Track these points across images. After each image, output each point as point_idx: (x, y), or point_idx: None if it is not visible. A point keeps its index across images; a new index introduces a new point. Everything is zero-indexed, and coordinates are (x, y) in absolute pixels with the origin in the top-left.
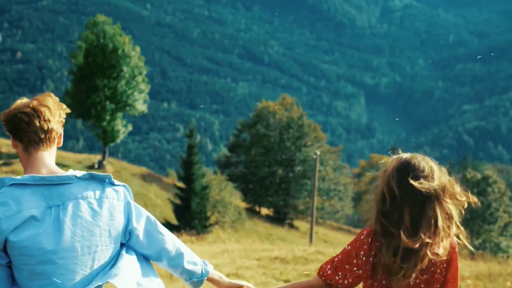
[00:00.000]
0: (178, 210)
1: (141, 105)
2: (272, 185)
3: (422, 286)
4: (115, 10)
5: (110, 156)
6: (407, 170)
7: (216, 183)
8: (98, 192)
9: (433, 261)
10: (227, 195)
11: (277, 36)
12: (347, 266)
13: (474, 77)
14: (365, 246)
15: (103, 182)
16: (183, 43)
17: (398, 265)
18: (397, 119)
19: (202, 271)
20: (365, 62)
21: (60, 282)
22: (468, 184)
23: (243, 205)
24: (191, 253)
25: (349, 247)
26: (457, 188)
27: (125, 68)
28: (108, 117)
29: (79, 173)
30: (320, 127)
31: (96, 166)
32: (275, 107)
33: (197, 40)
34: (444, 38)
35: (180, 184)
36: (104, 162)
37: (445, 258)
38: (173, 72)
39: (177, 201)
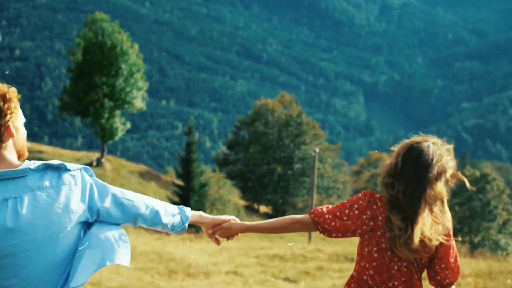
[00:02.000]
0: None
1: (139, 103)
2: (271, 183)
3: (414, 262)
4: (114, 8)
5: (108, 154)
6: (414, 151)
7: (214, 181)
8: (54, 181)
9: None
10: (226, 193)
11: (276, 34)
12: (338, 213)
13: (473, 76)
14: (360, 202)
15: (59, 169)
16: (181, 41)
17: (405, 230)
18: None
19: (181, 219)
20: (364, 60)
21: (24, 273)
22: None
23: (241, 203)
24: (166, 206)
25: (346, 201)
26: (445, 187)
27: (123, 66)
28: (106, 115)
29: (33, 164)
30: (318, 125)
31: (95, 163)
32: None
33: (195, 38)
34: (442, 37)
35: (179, 182)
36: (103, 160)
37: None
38: (171, 70)
39: (176, 198)
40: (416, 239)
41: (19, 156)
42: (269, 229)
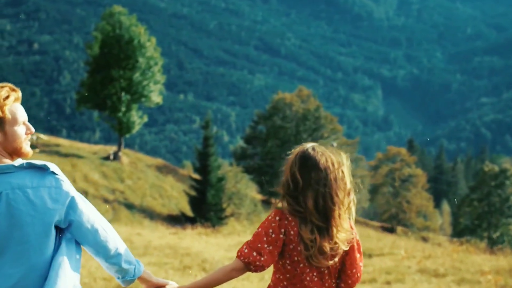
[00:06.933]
0: (194, 202)
1: (156, 96)
2: None
3: (325, 271)
4: (132, 2)
5: (126, 148)
6: (308, 158)
7: (232, 175)
8: (35, 181)
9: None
10: (243, 187)
11: (294, 28)
12: (259, 245)
13: (492, 70)
14: (273, 224)
15: (43, 170)
16: (199, 35)
17: (315, 241)
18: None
19: (134, 271)
20: (382, 55)
21: None
22: (485, 177)
23: (259, 197)
24: (128, 253)
25: (259, 229)
26: (348, 179)
27: (140, 59)
28: (123, 108)
29: (18, 162)
30: (336, 119)
31: (112, 157)
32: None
33: (213, 32)
34: (462, 31)
35: (196, 176)
36: (120, 153)
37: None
38: (189, 64)
39: (193, 193)
40: (328, 246)
41: (18, 156)
42: (207, 285)
